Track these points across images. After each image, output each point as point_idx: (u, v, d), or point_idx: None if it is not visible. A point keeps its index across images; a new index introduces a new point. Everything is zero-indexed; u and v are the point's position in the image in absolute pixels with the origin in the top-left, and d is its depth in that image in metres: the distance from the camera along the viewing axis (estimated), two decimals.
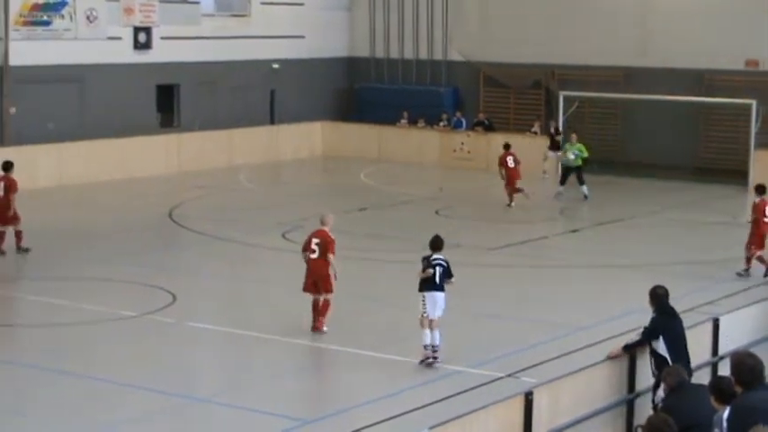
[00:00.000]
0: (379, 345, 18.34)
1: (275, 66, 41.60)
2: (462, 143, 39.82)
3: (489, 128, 40.21)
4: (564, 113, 37.87)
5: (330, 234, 18.85)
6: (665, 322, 13.54)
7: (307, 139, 41.71)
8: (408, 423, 14.63)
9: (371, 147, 40.92)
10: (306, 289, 18.91)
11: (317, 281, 18.77)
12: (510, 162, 31.81)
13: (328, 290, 18.81)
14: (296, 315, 20.29)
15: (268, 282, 22.82)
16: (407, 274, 21.64)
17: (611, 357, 13.74)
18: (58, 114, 35.18)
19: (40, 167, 33.21)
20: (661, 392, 13.16)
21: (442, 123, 41.02)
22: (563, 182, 33.10)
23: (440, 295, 17.27)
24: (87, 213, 30.15)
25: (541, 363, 16.97)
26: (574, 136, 33.68)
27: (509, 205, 31.41)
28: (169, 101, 39.16)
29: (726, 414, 9.75)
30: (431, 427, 10.92)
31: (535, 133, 39.24)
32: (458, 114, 41.05)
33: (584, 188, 32.56)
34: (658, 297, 13.76)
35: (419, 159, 39.81)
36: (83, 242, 26.08)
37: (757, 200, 23.42)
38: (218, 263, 24.73)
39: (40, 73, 34.71)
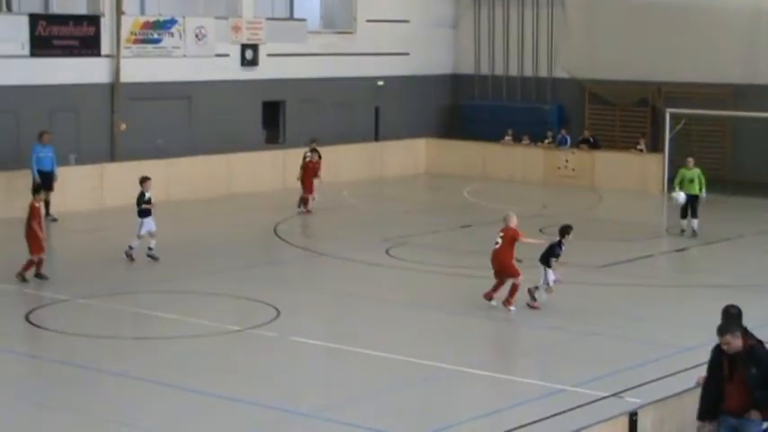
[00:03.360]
0: (482, 362, 18.32)
1: (380, 82, 41.82)
2: (567, 160, 39.58)
3: (594, 145, 39.93)
4: (670, 131, 37.43)
5: (514, 228, 21.47)
6: None
7: (411, 155, 41.79)
8: None
9: (475, 164, 40.87)
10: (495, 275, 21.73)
11: (499, 269, 21.43)
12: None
13: (511, 274, 21.30)
14: (398, 331, 20.38)
15: (372, 297, 22.90)
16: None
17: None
18: (166, 130, 35.77)
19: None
20: None
21: (546, 141, 40.84)
22: (685, 214, 29.69)
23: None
24: (193, 228, 30.56)
25: (647, 383, 16.78)
26: (690, 160, 30.38)
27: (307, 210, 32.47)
28: (275, 117, 39.56)
29: None
30: None
31: (641, 150, 38.87)
32: (562, 131, 40.81)
33: (696, 222, 29.64)
34: (730, 317, 13.49)
35: (523, 177, 39.68)
36: (189, 256, 26.43)
37: None
38: (321, 278, 24.89)
39: (149, 90, 35.35)
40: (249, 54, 38.16)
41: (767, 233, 30.33)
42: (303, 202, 32.60)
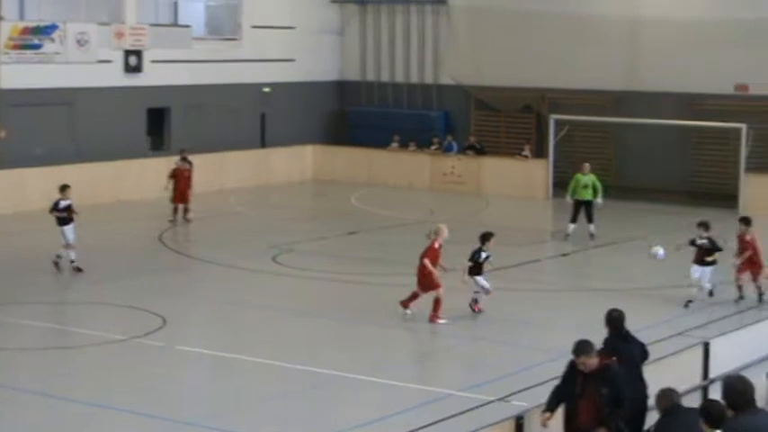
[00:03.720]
0: (370, 369, 18.30)
1: (266, 89, 41.63)
2: (453, 167, 39.83)
3: (480, 151, 40.26)
4: (554, 137, 37.92)
5: (434, 245, 21.19)
6: (615, 345, 13.62)
7: (297, 162, 41.71)
8: None
9: (362, 170, 40.93)
10: None
11: (421, 282, 21.16)
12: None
13: (431, 287, 20.98)
14: (286, 339, 20.30)
15: (258, 305, 22.77)
16: (398, 296, 21.65)
17: None
18: (48, 137, 35.14)
19: (30, 191, 33.14)
20: None
21: (432, 147, 41.04)
22: (575, 218, 30.28)
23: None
24: (77, 237, 30.05)
25: (533, 386, 16.90)
26: (586, 165, 30.87)
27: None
28: (160, 124, 39.14)
29: None
30: None
31: (526, 156, 39.30)
32: (449, 138, 41.06)
33: (592, 227, 30.30)
34: (613, 320, 13.85)
35: (410, 183, 39.82)
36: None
37: (747, 236, 22.90)
38: (208, 286, 24.68)
39: (30, 96, 34.68)
40: (133, 60, 37.70)
41: (650, 237, 30.80)
42: (182, 211, 32.16)
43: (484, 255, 21.87)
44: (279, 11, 42.40)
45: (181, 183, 32.13)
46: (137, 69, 37.79)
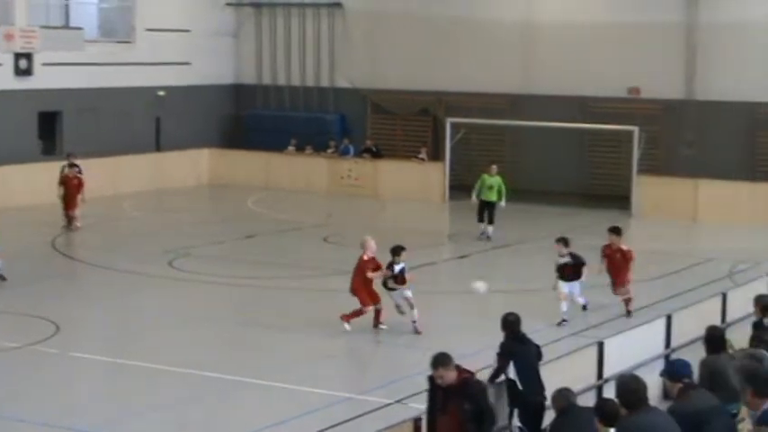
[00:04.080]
0: (268, 373, 18.21)
1: (160, 93, 41.20)
2: (350, 170, 39.85)
3: (377, 154, 40.35)
4: (450, 140, 38.15)
5: (365, 256, 20.86)
6: (512, 347, 13.85)
7: (193, 166, 41.37)
8: None
9: (259, 174, 40.76)
10: None
11: (353, 294, 20.84)
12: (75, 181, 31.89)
13: (360, 301, 20.78)
14: (182, 344, 20.12)
15: (154, 311, 22.54)
16: (296, 300, 21.60)
17: None
18: None
19: None
20: (516, 421, 13.45)
21: (329, 150, 41.03)
22: (482, 218, 30.75)
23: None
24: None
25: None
26: (494, 167, 31.46)
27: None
28: (51, 128, 38.51)
29: None
30: None
31: (422, 159, 39.46)
32: (345, 141, 41.09)
33: (491, 229, 30.66)
34: (509, 324, 14.10)
35: (307, 186, 39.75)
36: None
37: (625, 247, 22.65)
38: (103, 292, 24.36)
39: None
40: (23, 63, 37.04)
41: (546, 239, 31.04)
42: (69, 219, 31.69)
43: (397, 268, 21.22)
44: (173, 13, 42.02)
45: (70, 189, 31.63)
46: (27, 72, 37.14)
